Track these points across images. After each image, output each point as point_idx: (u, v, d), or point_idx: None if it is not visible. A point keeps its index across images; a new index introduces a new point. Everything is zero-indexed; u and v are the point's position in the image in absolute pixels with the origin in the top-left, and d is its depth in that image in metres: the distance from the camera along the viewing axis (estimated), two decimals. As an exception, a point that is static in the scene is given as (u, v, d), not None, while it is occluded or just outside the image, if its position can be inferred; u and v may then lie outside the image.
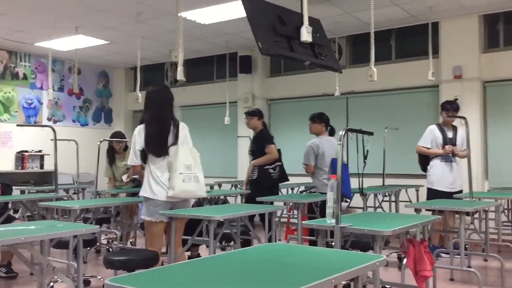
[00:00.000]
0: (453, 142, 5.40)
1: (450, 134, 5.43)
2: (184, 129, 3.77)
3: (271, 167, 5.28)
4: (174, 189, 3.54)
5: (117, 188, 5.95)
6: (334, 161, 5.08)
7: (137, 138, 3.66)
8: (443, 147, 5.39)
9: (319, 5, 6.06)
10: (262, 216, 4.20)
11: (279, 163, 5.34)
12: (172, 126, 3.70)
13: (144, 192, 3.66)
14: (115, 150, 5.98)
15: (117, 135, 6.07)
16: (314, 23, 5.38)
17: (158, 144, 3.63)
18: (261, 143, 5.36)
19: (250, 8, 4.88)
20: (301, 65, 6.83)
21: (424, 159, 5.58)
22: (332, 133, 5.29)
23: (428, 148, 5.48)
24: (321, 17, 5.80)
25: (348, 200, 5.71)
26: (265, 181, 5.30)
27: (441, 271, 4.73)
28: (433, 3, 6.18)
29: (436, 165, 5.45)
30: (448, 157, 5.38)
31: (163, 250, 3.97)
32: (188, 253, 4.88)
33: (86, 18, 6.77)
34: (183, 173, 3.58)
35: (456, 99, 6.61)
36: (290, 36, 5.02)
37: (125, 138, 6.00)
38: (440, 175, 5.42)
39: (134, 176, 5.66)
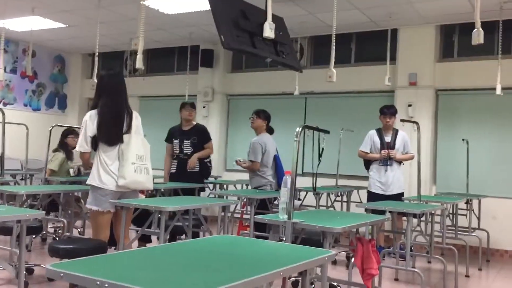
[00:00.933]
0: (390, 146, 5.56)
1: (388, 138, 5.60)
2: (137, 119, 3.67)
3: (207, 160, 5.62)
4: (125, 178, 3.45)
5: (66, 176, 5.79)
6: (276, 158, 5.21)
7: (89, 124, 3.50)
8: (381, 151, 5.56)
9: (283, 4, 6.09)
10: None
11: (210, 158, 5.72)
12: (126, 113, 3.59)
13: (92, 180, 3.53)
14: (69, 147, 5.88)
15: (73, 131, 5.96)
16: (278, 21, 5.40)
17: (113, 132, 3.51)
18: (205, 137, 5.54)
19: (214, 0, 4.84)
20: (262, 62, 6.82)
21: (367, 163, 5.77)
22: (271, 132, 5.30)
23: (367, 153, 5.67)
24: (285, 16, 5.83)
25: (301, 199, 5.80)
26: (206, 174, 5.69)
27: (387, 271, 4.87)
28: (393, 10, 6.33)
29: (373, 169, 5.67)
30: (385, 161, 5.56)
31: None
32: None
33: (44, -1, 6.53)
34: (135, 163, 3.49)
35: (410, 105, 6.83)
36: (252, 32, 5.02)
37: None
38: (376, 178, 5.62)
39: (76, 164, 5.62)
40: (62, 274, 1.43)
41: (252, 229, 4.63)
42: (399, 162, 5.65)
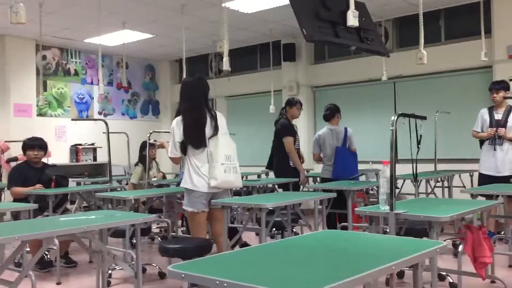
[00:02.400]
0: (500, 124, 5.16)
1: (499, 116, 5.19)
2: (221, 119, 3.77)
3: None
4: (216, 179, 3.57)
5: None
6: (337, 149, 5.39)
7: (176, 130, 3.68)
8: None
9: (364, -12, 5.91)
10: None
11: None
12: (209, 117, 3.69)
13: (185, 183, 3.71)
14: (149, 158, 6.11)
15: (151, 144, 6.17)
16: (360, 6, 5.25)
17: (196, 136, 3.64)
18: None
19: (293, -6, 4.82)
20: (346, 50, 6.72)
21: (482, 143, 5.43)
22: (325, 116, 5.57)
23: (478, 132, 5.34)
24: (365, 0, 5.67)
25: (399, 187, 5.62)
26: None
27: (499, 258, 4.57)
28: (485, -20, 5.91)
29: (483, 149, 5.33)
30: (494, 140, 5.18)
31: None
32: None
33: (132, 13, 6.91)
34: (224, 164, 3.61)
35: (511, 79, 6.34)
36: (334, 21, 4.93)
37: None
38: (484, 158, 5.28)
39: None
40: (183, 275, 1.52)
41: (350, 220, 4.58)
42: None
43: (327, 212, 4.75)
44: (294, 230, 5.02)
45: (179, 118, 3.71)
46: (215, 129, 3.68)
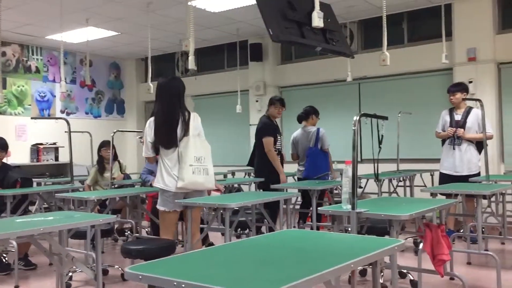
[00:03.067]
0: (459, 124, 5.33)
1: (458, 117, 5.36)
2: (195, 120, 3.72)
3: None
4: (183, 180, 3.54)
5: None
6: (309, 149, 5.50)
7: (148, 130, 3.68)
8: None
9: (329, -10, 5.97)
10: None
11: None
12: (182, 117, 3.66)
13: (157, 183, 3.70)
14: (104, 159, 5.99)
15: (106, 144, 6.05)
16: (325, 8, 5.31)
17: (166, 136, 3.62)
18: None
19: (260, -6, 4.82)
20: (312, 51, 6.77)
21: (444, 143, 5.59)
22: (298, 118, 5.75)
23: (439, 133, 5.50)
24: (331, 2, 5.73)
25: (362, 186, 5.71)
26: None
27: (458, 255, 4.70)
28: (445, -15, 6.07)
29: (443, 149, 5.49)
30: (452, 140, 5.34)
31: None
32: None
33: (96, 9, 6.77)
34: (193, 165, 3.57)
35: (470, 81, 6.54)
36: (301, 22, 4.96)
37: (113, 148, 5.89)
38: (444, 158, 5.45)
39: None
40: (140, 277, 1.49)
41: (314, 220, 4.62)
42: (478, 142, 5.33)
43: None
44: (260, 229, 5.03)
45: (152, 118, 3.71)
46: (186, 129, 3.64)
